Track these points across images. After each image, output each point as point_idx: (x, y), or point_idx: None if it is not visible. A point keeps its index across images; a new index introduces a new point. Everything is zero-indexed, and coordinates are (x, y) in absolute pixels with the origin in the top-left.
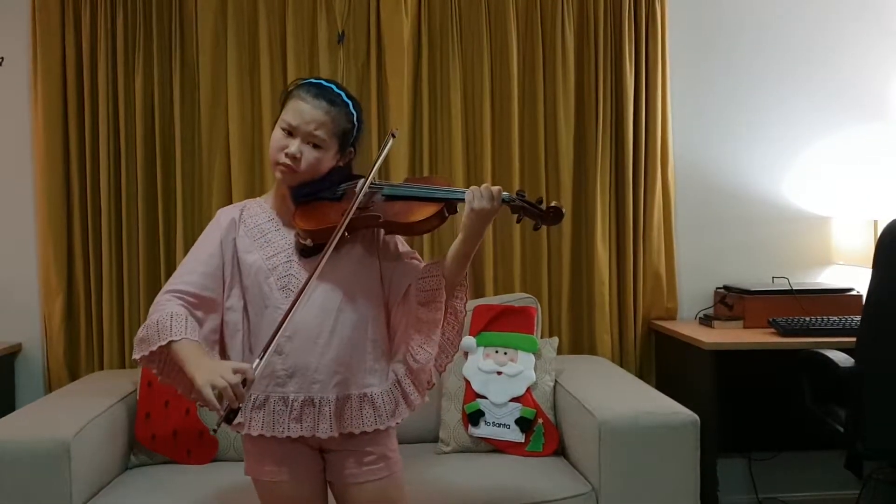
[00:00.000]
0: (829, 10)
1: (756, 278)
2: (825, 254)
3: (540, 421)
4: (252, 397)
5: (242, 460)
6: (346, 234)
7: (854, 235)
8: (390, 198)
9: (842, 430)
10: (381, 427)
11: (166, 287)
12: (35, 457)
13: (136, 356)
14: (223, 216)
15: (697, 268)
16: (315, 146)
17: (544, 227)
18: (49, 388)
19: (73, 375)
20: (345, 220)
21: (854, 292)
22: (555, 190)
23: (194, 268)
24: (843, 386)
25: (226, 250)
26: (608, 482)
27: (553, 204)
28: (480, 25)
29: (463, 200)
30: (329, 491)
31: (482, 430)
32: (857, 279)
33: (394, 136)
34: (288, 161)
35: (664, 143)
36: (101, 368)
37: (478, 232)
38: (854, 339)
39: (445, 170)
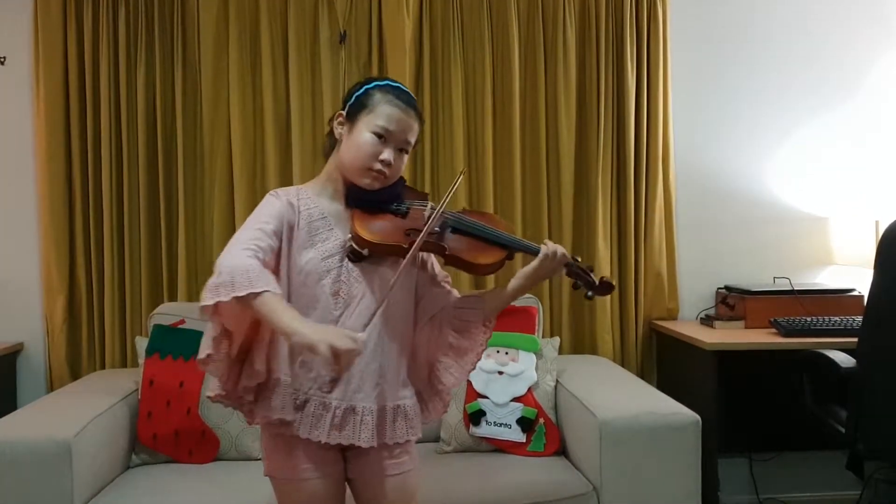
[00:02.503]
0: (831, 11)
1: (757, 278)
2: (826, 254)
3: (541, 421)
4: (294, 398)
5: (244, 460)
6: (405, 255)
7: (855, 236)
8: (457, 231)
9: (843, 430)
10: (412, 438)
11: (239, 244)
12: (36, 456)
13: (210, 301)
14: (283, 195)
15: (698, 268)
16: (403, 152)
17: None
18: (51, 388)
19: (75, 375)
20: (415, 248)
21: (855, 293)
22: (556, 190)
23: (260, 236)
24: (844, 386)
25: (284, 230)
26: (609, 482)
27: (604, 278)
28: (482, 25)
29: (530, 253)
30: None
31: (483, 430)
32: (859, 280)
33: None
34: (383, 168)
35: (665, 143)
36: (103, 368)
37: (533, 285)
38: (855, 340)
39: (446, 169)
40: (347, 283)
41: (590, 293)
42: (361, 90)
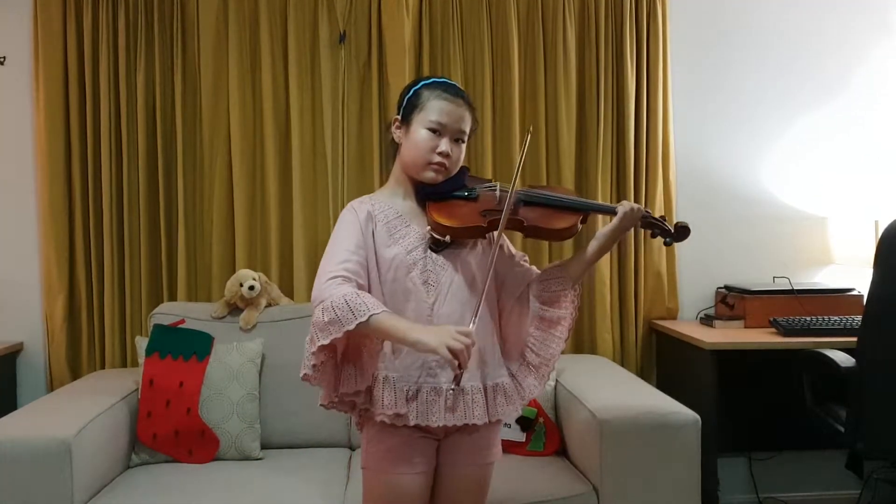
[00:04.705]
0: (829, 8)
1: (757, 278)
2: (826, 254)
3: (541, 420)
4: (405, 389)
5: (243, 460)
6: (485, 234)
7: (855, 236)
8: (528, 203)
9: (842, 429)
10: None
11: (326, 275)
12: (36, 456)
13: (325, 341)
14: (360, 208)
15: (698, 267)
16: (460, 142)
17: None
18: (51, 387)
19: (75, 374)
20: (503, 222)
21: (855, 292)
22: None
23: (348, 257)
24: (843, 386)
25: (367, 242)
26: (609, 482)
27: (679, 223)
28: (481, 24)
29: (607, 213)
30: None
31: None
32: (858, 279)
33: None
34: (442, 160)
35: (665, 142)
36: (103, 367)
37: (613, 242)
38: (855, 339)
39: None
40: (435, 272)
41: (668, 240)
42: (410, 92)
